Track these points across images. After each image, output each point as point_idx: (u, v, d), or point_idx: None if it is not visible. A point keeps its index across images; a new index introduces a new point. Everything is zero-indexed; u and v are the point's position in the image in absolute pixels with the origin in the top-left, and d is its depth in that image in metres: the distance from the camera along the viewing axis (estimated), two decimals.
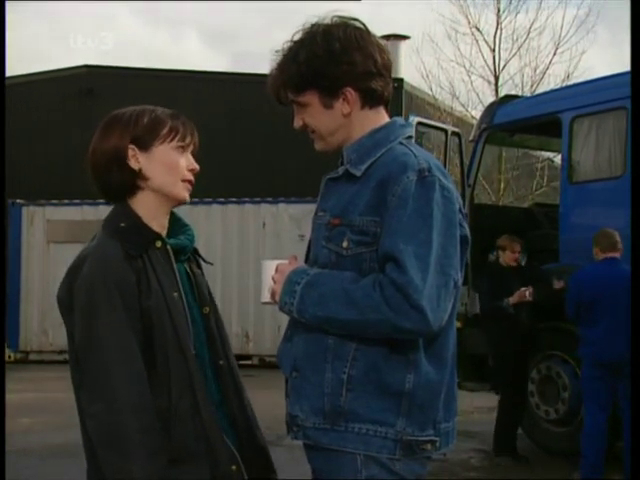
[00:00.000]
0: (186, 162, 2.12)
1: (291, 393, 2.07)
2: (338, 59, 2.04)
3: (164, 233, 2.13)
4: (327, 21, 2.09)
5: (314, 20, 2.10)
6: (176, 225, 2.19)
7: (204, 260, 2.26)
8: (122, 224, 2.06)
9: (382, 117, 2.14)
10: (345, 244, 2.01)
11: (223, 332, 2.20)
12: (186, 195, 2.13)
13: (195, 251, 2.24)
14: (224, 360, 2.15)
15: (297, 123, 2.14)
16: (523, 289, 6.81)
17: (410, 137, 2.12)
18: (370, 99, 2.10)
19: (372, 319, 1.90)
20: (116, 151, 2.07)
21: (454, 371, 2.10)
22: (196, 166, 2.14)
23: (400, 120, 2.16)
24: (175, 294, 2.05)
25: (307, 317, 1.99)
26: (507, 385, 6.96)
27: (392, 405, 1.97)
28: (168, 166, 2.09)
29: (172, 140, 2.09)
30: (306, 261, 2.14)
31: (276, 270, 2.08)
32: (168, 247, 2.09)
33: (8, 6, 3.83)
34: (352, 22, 2.10)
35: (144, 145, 2.07)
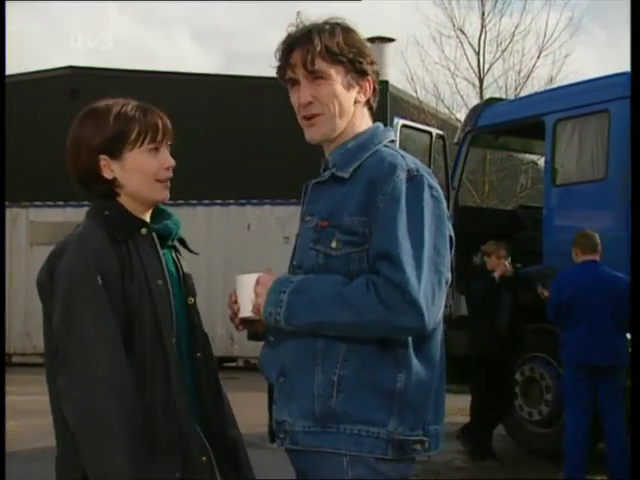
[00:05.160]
0: (160, 161, 2.09)
1: (278, 399, 2.03)
2: (368, 50, 2.10)
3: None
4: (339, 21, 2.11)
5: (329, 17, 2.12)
6: (160, 215, 2.18)
7: (189, 250, 2.23)
8: (106, 212, 2.06)
9: (369, 121, 2.16)
10: (334, 244, 1.99)
11: (201, 326, 2.19)
12: (164, 195, 2.11)
13: (182, 241, 2.23)
14: (202, 353, 2.14)
15: (306, 98, 2.06)
16: (503, 261, 6.93)
17: (393, 141, 2.14)
18: (372, 99, 2.14)
19: (370, 320, 1.89)
20: (88, 166, 2.06)
21: (443, 374, 2.09)
22: (172, 162, 2.11)
23: (382, 125, 2.17)
24: (160, 282, 2.04)
25: (296, 324, 1.96)
26: (481, 387, 6.99)
27: (383, 405, 1.96)
28: (141, 172, 2.07)
29: (142, 144, 2.06)
30: (290, 269, 2.11)
31: (257, 283, 2.03)
32: (154, 234, 2.08)
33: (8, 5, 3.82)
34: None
35: (115, 153, 2.06)
